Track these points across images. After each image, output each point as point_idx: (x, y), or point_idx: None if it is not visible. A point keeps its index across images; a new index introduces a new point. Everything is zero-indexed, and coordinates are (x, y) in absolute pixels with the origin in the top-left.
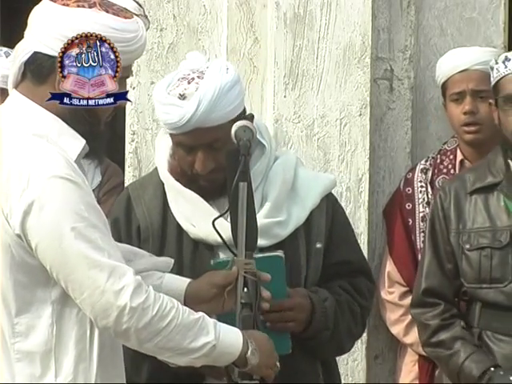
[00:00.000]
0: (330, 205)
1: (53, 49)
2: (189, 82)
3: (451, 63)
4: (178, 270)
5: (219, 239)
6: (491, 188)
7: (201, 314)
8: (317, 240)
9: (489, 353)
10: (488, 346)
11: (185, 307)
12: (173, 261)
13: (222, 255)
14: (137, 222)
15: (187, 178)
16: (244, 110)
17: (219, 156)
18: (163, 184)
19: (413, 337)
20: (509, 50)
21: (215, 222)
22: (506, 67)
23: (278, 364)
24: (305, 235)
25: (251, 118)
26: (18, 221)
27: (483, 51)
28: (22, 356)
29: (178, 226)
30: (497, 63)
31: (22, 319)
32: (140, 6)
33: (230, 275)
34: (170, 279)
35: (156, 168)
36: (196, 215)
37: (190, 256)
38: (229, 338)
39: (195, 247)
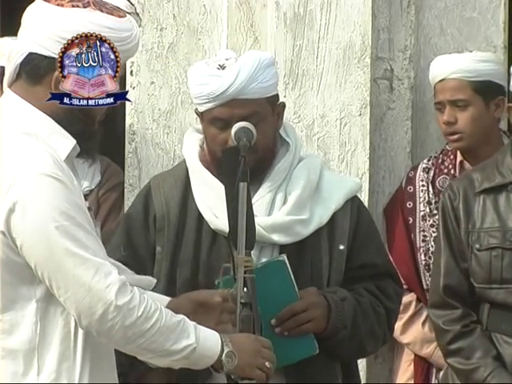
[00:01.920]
0: (354, 207)
1: (48, 49)
2: (227, 59)
3: (433, 73)
4: (194, 261)
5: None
6: (500, 188)
7: (182, 316)
8: (340, 242)
9: (501, 360)
10: (497, 350)
11: (167, 309)
12: (155, 281)
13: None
14: (153, 211)
15: (217, 163)
16: (278, 95)
17: None
18: (185, 176)
19: (410, 336)
20: (509, 49)
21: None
22: None
23: (267, 364)
24: (328, 236)
25: (283, 106)
26: (3, 218)
27: (460, 58)
28: (5, 353)
29: (199, 217)
30: None
31: (6, 317)
32: (131, 4)
33: (213, 294)
34: (151, 295)
35: (180, 163)
36: (220, 206)
37: (208, 247)
38: (208, 341)
39: (213, 239)
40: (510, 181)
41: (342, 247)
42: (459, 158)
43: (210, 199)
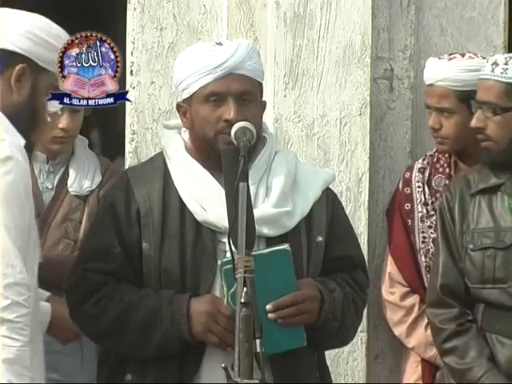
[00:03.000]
0: (329, 199)
1: (14, 44)
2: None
3: (425, 74)
4: (180, 253)
5: (227, 225)
6: (495, 189)
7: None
8: (318, 233)
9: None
10: (491, 350)
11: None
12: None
13: (225, 240)
14: (136, 205)
15: (207, 146)
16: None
17: (247, 113)
18: (164, 168)
19: (415, 340)
20: (509, 49)
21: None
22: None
23: None
24: (306, 228)
25: (264, 105)
26: None
27: (449, 66)
28: None
29: (181, 209)
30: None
31: None
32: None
33: None
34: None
35: (156, 155)
36: (209, 198)
37: (193, 240)
38: None
39: (197, 231)
40: (504, 181)
41: (320, 239)
42: (454, 157)
43: (198, 191)
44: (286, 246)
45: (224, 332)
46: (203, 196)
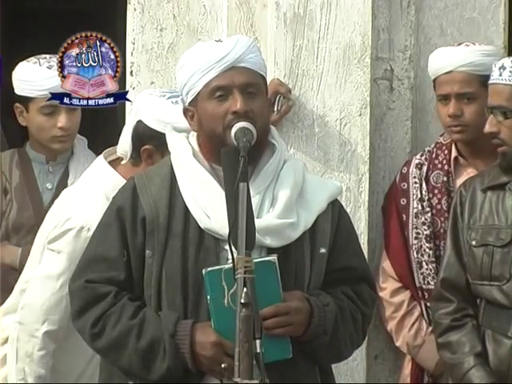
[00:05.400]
0: (335, 211)
1: None
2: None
3: (438, 63)
4: (182, 261)
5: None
6: (502, 186)
7: None
8: (321, 245)
9: (486, 356)
10: (485, 347)
11: None
12: None
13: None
14: (142, 213)
15: (218, 142)
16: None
17: (253, 105)
18: (171, 173)
19: (401, 338)
20: (509, 49)
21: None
22: (499, 75)
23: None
24: (309, 239)
25: (270, 102)
26: None
27: (469, 51)
28: None
29: (185, 216)
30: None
31: None
32: None
33: None
34: None
35: (164, 160)
36: (213, 205)
37: (196, 247)
38: None
39: (201, 238)
40: (510, 180)
41: (323, 250)
42: (454, 153)
43: (203, 198)
44: (272, 258)
45: (226, 371)
46: (208, 203)
